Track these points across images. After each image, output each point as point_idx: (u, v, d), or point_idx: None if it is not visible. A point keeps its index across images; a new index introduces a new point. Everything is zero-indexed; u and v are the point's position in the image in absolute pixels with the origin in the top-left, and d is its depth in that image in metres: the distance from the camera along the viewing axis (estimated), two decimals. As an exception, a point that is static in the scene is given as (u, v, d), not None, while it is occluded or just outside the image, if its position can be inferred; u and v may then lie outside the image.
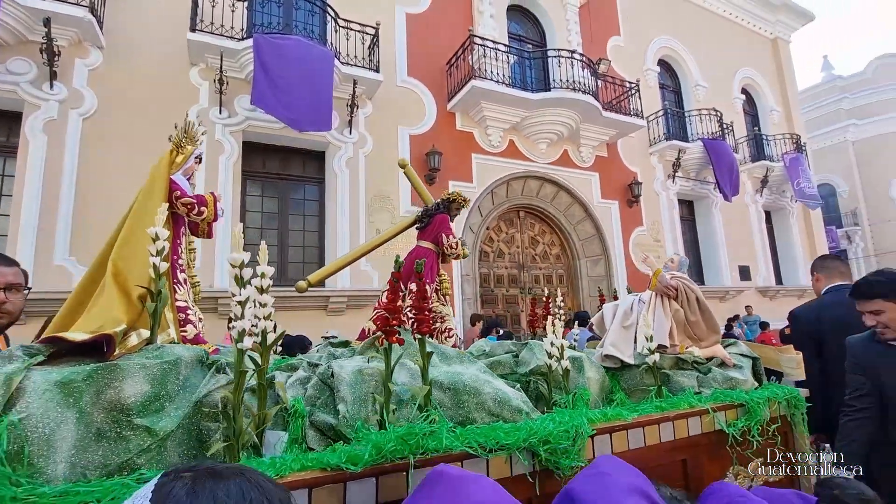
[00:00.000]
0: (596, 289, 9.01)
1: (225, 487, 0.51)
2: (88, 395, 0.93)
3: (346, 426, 1.14)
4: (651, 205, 9.82)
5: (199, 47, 5.96)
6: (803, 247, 12.43)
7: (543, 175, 8.62)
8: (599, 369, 1.87)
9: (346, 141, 6.85)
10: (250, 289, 1.00)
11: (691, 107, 11.08)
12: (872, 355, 1.91)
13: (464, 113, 7.85)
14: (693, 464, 1.56)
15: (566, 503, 0.87)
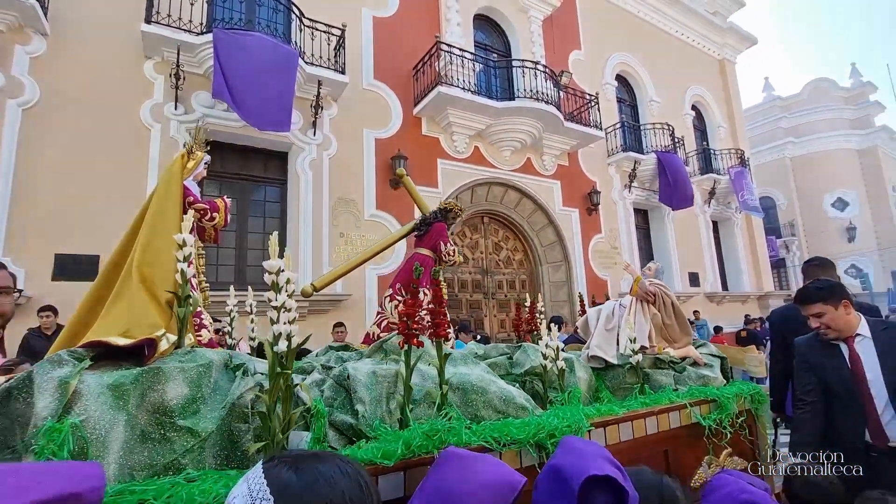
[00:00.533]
0: (558, 294, 9.28)
1: (325, 466, 0.59)
2: (135, 398, 0.96)
3: (366, 425, 1.19)
4: (609, 213, 10.21)
5: (155, 40, 5.72)
6: (746, 255, 13.26)
7: (507, 182, 8.79)
8: (587, 369, 1.99)
9: (309, 142, 6.74)
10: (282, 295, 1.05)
11: (646, 121, 11.63)
12: (817, 354, 2.09)
13: (430, 118, 7.91)
14: (674, 454, 1.70)
15: (554, 479, 0.98)
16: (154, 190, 1.63)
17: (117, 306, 1.27)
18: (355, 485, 0.59)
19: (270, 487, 0.56)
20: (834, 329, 2.01)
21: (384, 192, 7.26)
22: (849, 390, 1.99)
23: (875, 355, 1.97)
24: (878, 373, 1.94)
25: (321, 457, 0.63)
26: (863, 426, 1.97)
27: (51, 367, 0.94)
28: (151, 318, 1.23)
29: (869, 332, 2.02)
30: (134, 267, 1.33)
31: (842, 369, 2.02)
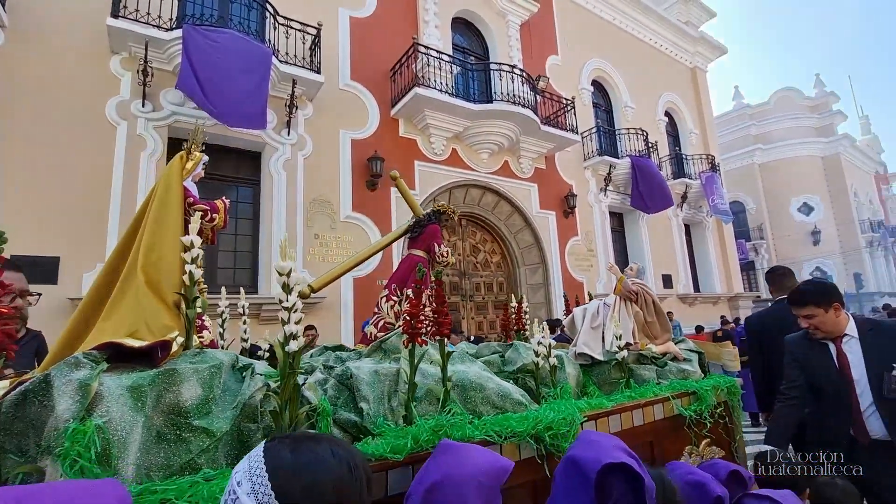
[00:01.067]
0: (535, 296, 9.35)
1: (319, 448, 0.64)
2: (151, 399, 0.97)
3: (370, 422, 1.22)
4: (585, 216, 10.36)
5: (121, 35, 5.54)
6: (717, 257, 13.64)
7: (485, 184, 8.83)
8: (575, 366, 2.08)
9: (283, 142, 6.63)
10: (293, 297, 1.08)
11: (621, 126, 11.87)
12: (806, 351, 2.20)
13: (407, 120, 7.88)
14: (658, 445, 1.79)
15: (571, 468, 1.03)
16: (152, 192, 1.61)
17: (121, 308, 1.26)
18: (345, 467, 0.64)
19: (267, 465, 0.61)
20: (823, 331, 2.10)
21: (361, 193, 7.19)
22: (835, 388, 2.08)
23: (861, 355, 2.05)
24: (864, 371, 2.02)
25: (318, 439, 0.68)
26: (848, 422, 2.05)
27: (69, 370, 0.93)
28: (164, 319, 1.23)
29: (856, 333, 2.10)
30: (139, 269, 1.32)
31: (829, 367, 2.10)
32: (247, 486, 0.61)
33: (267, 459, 0.62)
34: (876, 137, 28.50)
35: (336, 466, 0.63)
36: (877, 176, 27.31)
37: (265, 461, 0.62)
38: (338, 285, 6.63)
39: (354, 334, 6.58)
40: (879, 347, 2.03)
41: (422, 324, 1.34)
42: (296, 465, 0.62)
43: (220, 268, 6.37)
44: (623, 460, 0.99)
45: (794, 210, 22.57)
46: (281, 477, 0.60)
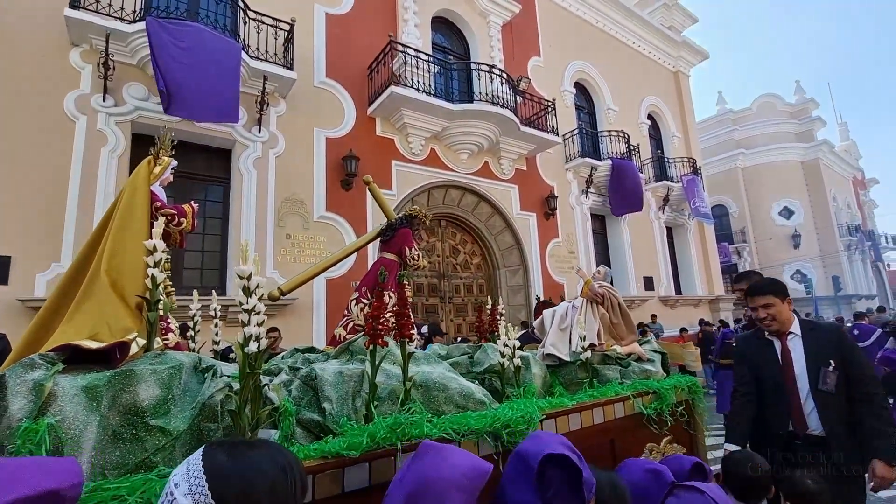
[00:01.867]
0: (514, 298, 9.27)
1: (256, 453, 0.67)
2: (107, 399, 0.99)
3: (333, 422, 1.25)
4: (566, 218, 10.31)
5: (81, 26, 5.33)
6: (699, 260, 13.71)
7: (465, 185, 8.73)
8: (542, 366, 2.11)
9: (254, 139, 6.45)
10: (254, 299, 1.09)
11: (604, 128, 11.87)
12: (753, 348, 2.32)
13: (384, 119, 7.75)
14: (619, 442, 1.84)
15: (518, 461, 1.09)
16: (119, 196, 1.62)
17: (84, 310, 1.27)
18: (280, 471, 0.67)
19: (205, 468, 0.63)
20: (778, 321, 2.21)
21: (335, 192, 7.04)
22: (777, 383, 2.20)
23: (802, 352, 2.18)
24: (804, 368, 2.15)
25: (255, 444, 0.71)
26: (787, 415, 2.17)
27: (23, 371, 0.96)
28: (124, 321, 1.25)
29: (800, 331, 2.24)
30: (102, 271, 1.34)
31: (773, 363, 2.23)
32: (184, 488, 0.63)
33: (205, 462, 0.64)
34: (854, 143, 29.09)
35: (271, 471, 0.66)
36: (855, 181, 27.86)
37: (203, 464, 0.64)
38: (310, 287, 6.47)
39: (326, 336, 6.42)
40: (817, 345, 2.18)
41: (383, 325, 1.36)
42: (232, 468, 0.64)
43: (187, 268, 6.16)
44: (561, 451, 1.05)
45: (774, 214, 22.88)
46: (218, 479, 0.62)
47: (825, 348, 2.15)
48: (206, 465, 0.64)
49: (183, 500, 0.61)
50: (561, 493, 1.03)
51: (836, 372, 2.09)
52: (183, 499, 0.61)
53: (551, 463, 1.06)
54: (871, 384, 2.11)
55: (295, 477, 0.69)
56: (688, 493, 1.28)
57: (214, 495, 0.61)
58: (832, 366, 2.10)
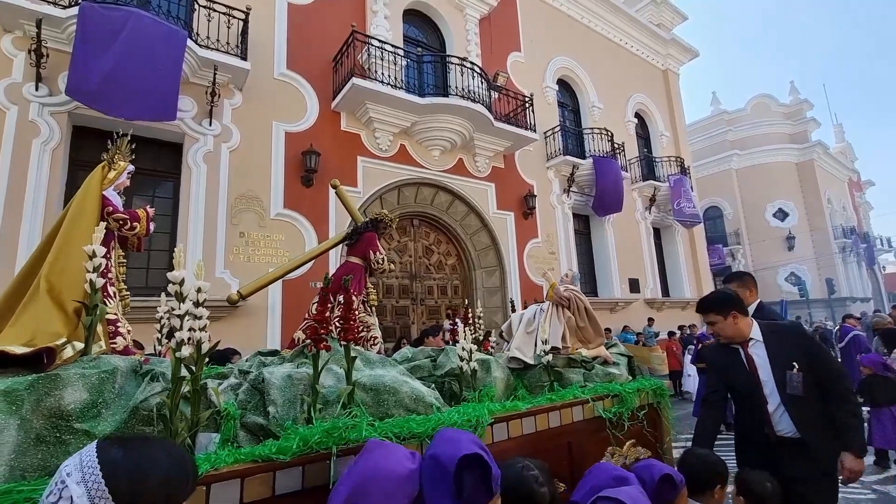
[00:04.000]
0: (491, 300, 8.93)
1: (150, 447, 0.70)
2: (29, 404, 0.99)
3: (276, 426, 1.23)
4: (547, 218, 9.98)
5: (12, 11, 5.01)
6: (687, 262, 13.38)
7: (438, 183, 8.39)
8: (504, 369, 2.09)
9: (205, 132, 6.12)
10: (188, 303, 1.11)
11: (589, 126, 11.55)
12: (721, 357, 2.33)
13: (349, 113, 7.43)
14: (577, 445, 1.82)
15: (434, 467, 1.09)
16: (72, 200, 1.62)
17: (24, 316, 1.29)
18: (175, 465, 0.70)
19: (99, 460, 0.64)
20: (724, 335, 2.24)
21: (295, 189, 6.70)
22: (748, 389, 2.21)
23: (766, 357, 2.17)
24: (769, 372, 2.15)
25: (150, 440, 0.75)
26: (762, 420, 2.16)
27: None
28: (53, 326, 1.25)
29: (760, 336, 2.22)
30: (42, 276, 1.34)
31: (741, 371, 2.23)
32: (77, 476, 0.63)
33: (99, 455, 0.65)
34: (849, 145, 28.83)
35: (165, 463, 0.68)
36: (850, 183, 27.56)
37: (98, 456, 0.65)
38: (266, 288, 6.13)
39: (282, 338, 6.08)
40: (780, 348, 2.16)
41: (326, 330, 1.36)
42: (128, 460, 0.65)
43: (133, 268, 5.80)
44: (474, 450, 1.07)
45: (769, 215, 22.57)
46: (112, 470, 0.63)
47: (788, 351, 2.15)
48: (101, 458, 0.65)
49: (76, 489, 0.61)
50: (475, 491, 1.06)
51: (801, 373, 2.08)
52: (76, 486, 0.61)
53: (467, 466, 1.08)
54: (839, 380, 2.11)
55: (188, 470, 0.72)
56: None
57: (108, 485, 0.62)
58: (796, 368, 2.10)
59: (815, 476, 2.03)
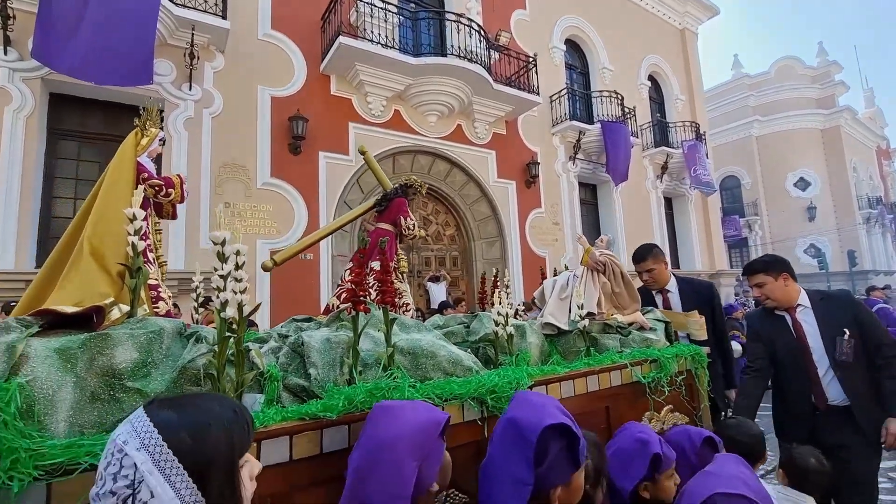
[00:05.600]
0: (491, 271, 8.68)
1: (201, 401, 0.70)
2: (83, 362, 1.02)
3: (318, 387, 1.28)
4: (551, 187, 9.59)
5: (-27, -33, 4.73)
6: (700, 232, 12.89)
7: (435, 151, 8.05)
8: (539, 335, 2.07)
9: (185, 98, 5.86)
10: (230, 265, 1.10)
11: (599, 89, 10.95)
12: (766, 325, 2.35)
13: (339, 76, 7.06)
14: (614, 410, 1.83)
15: (512, 431, 1.06)
16: (108, 167, 1.65)
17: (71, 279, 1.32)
18: (232, 413, 0.68)
19: (155, 424, 0.62)
20: (772, 299, 2.26)
21: (282, 157, 6.45)
22: (794, 356, 2.23)
23: (815, 324, 2.19)
24: (819, 340, 2.16)
25: (199, 395, 0.76)
26: (808, 389, 2.18)
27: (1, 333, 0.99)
28: (100, 287, 1.28)
29: (809, 303, 2.24)
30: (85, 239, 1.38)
31: (787, 337, 2.26)
32: (134, 444, 0.61)
33: (151, 418, 0.63)
34: (879, 110, 27.30)
35: (223, 413, 0.67)
36: (879, 150, 26.20)
37: (150, 419, 0.63)
38: (253, 255, 5.98)
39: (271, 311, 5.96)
40: (830, 315, 2.18)
41: (364, 292, 1.37)
42: (182, 416, 0.64)
43: (116, 240, 5.69)
44: (561, 420, 1.04)
45: (789, 185, 21.64)
46: (170, 430, 0.62)
47: (839, 318, 2.16)
48: (154, 420, 0.62)
49: (137, 455, 0.59)
50: (557, 461, 1.02)
51: (853, 340, 2.09)
52: (137, 453, 0.59)
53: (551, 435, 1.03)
54: (888, 348, 2.12)
55: (245, 417, 0.71)
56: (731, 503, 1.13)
57: (171, 445, 0.60)
58: (847, 334, 2.10)
59: (860, 442, 2.06)
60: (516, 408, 1.12)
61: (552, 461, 1.02)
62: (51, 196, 5.41)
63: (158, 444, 0.60)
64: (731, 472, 1.22)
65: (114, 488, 0.58)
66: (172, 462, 0.60)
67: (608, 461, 1.31)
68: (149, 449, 0.60)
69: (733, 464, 1.30)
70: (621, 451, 1.40)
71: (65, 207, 5.49)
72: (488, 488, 1.05)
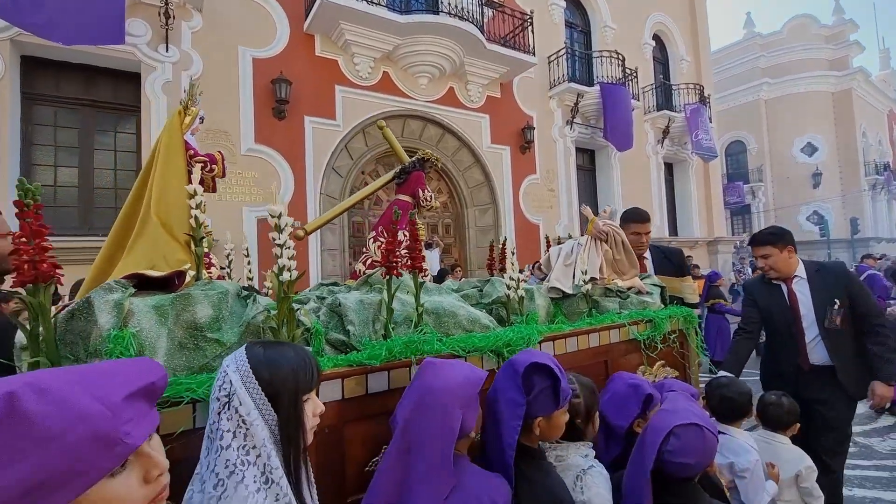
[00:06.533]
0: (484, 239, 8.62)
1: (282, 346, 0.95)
2: (172, 317, 1.19)
3: (356, 341, 1.45)
4: (547, 152, 9.37)
5: (-73, -84, 4.45)
6: (699, 200, 12.69)
7: (426, 115, 7.82)
8: (546, 298, 2.24)
9: (162, 60, 5.64)
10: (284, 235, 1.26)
11: (600, 49, 10.51)
12: (763, 292, 2.55)
13: (324, 36, 6.77)
14: (612, 363, 2.03)
15: (508, 367, 1.31)
16: (156, 147, 1.74)
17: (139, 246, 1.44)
18: (299, 358, 0.92)
19: (247, 356, 0.89)
20: (776, 270, 2.45)
21: (266, 122, 6.27)
22: (786, 323, 2.44)
23: (808, 293, 2.40)
24: (811, 307, 2.38)
25: (282, 343, 1.00)
26: (796, 352, 2.41)
27: (104, 293, 1.15)
28: (178, 254, 1.42)
29: (805, 274, 2.44)
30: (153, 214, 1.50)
31: (781, 305, 2.47)
32: (233, 367, 0.87)
33: (247, 351, 0.90)
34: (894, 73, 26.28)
35: (293, 357, 0.92)
36: (891, 115, 25.41)
37: (246, 353, 0.89)
38: (239, 223, 5.93)
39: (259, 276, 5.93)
40: (824, 286, 2.38)
41: (397, 258, 1.49)
42: (266, 354, 0.90)
43: (98, 208, 5.62)
44: (545, 361, 1.27)
45: (796, 150, 21.16)
46: (256, 361, 0.87)
47: (832, 288, 2.36)
48: (248, 353, 0.89)
49: (233, 376, 0.86)
50: (541, 395, 1.24)
51: (842, 310, 2.29)
52: (233, 374, 0.86)
53: (536, 371, 1.26)
54: (876, 318, 2.35)
55: (312, 365, 0.94)
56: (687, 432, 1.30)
57: (254, 371, 0.86)
58: (837, 304, 2.30)
59: (838, 397, 2.30)
60: (516, 355, 1.36)
61: (537, 394, 1.24)
62: (30, 164, 5.31)
63: (246, 370, 0.86)
64: (683, 407, 1.40)
65: (218, 395, 0.85)
66: (254, 384, 0.85)
67: (605, 406, 1.56)
68: (240, 372, 0.86)
69: (683, 401, 1.47)
70: (616, 395, 1.58)
71: (46, 175, 5.40)
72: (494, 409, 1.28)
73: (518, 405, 1.22)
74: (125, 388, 0.61)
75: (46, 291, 1.02)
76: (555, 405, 1.26)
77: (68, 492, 0.53)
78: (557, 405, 1.26)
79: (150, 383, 0.66)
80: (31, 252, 0.98)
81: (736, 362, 2.49)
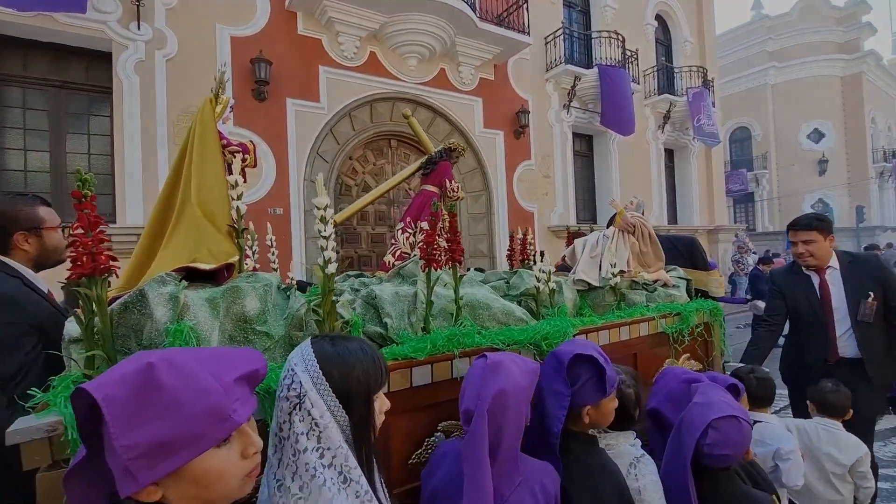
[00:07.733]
0: (476, 227, 8.41)
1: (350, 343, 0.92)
2: (222, 309, 1.19)
3: (394, 334, 1.46)
4: (543, 137, 9.08)
5: None
6: (701, 186, 12.40)
7: (416, 98, 7.54)
8: (573, 290, 2.25)
9: (134, 38, 5.38)
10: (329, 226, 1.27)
11: (599, 29, 10.14)
12: (791, 282, 2.50)
13: (307, 13, 6.48)
14: (641, 356, 2.06)
15: (553, 359, 1.35)
16: (190, 135, 1.68)
17: (178, 237, 1.41)
18: (369, 358, 0.90)
19: (315, 353, 0.87)
20: (816, 258, 2.37)
21: (246, 104, 6.02)
22: (816, 315, 2.38)
23: (841, 285, 2.34)
24: (843, 299, 2.32)
25: (349, 338, 0.95)
26: (826, 346, 2.35)
27: (158, 286, 1.13)
28: (225, 245, 1.39)
29: (838, 265, 2.38)
30: (195, 204, 1.48)
31: (812, 296, 2.41)
32: (301, 367, 0.86)
33: (315, 349, 0.88)
34: (908, 55, 25.54)
35: (363, 356, 0.89)
36: (902, 99, 24.75)
37: (314, 350, 0.87)
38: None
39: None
40: (857, 277, 2.33)
41: (437, 251, 1.50)
42: (335, 353, 0.87)
43: (72, 194, 5.42)
44: (589, 352, 1.30)
45: (802, 137, 20.67)
46: (325, 361, 0.86)
47: (865, 280, 2.31)
48: (316, 351, 0.87)
49: (303, 377, 0.84)
50: (587, 386, 1.28)
51: (875, 302, 2.25)
52: (303, 374, 0.84)
53: (580, 362, 1.30)
54: None
55: (381, 364, 0.92)
56: (725, 424, 1.29)
57: (324, 372, 0.84)
58: (871, 296, 2.25)
59: (866, 389, 2.26)
60: (561, 345, 1.40)
61: (583, 384, 1.28)
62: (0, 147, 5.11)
63: (316, 371, 0.85)
64: (718, 399, 1.37)
65: (288, 395, 0.84)
66: (325, 386, 0.84)
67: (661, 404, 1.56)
68: (310, 373, 0.85)
69: (715, 392, 1.44)
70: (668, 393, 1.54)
71: (16, 159, 5.20)
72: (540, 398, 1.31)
73: (563, 396, 1.27)
74: (235, 372, 0.68)
75: (103, 284, 1.00)
76: (601, 393, 1.29)
77: (189, 452, 0.61)
78: (605, 393, 1.29)
79: (254, 370, 0.72)
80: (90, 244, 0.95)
81: (757, 354, 2.46)
